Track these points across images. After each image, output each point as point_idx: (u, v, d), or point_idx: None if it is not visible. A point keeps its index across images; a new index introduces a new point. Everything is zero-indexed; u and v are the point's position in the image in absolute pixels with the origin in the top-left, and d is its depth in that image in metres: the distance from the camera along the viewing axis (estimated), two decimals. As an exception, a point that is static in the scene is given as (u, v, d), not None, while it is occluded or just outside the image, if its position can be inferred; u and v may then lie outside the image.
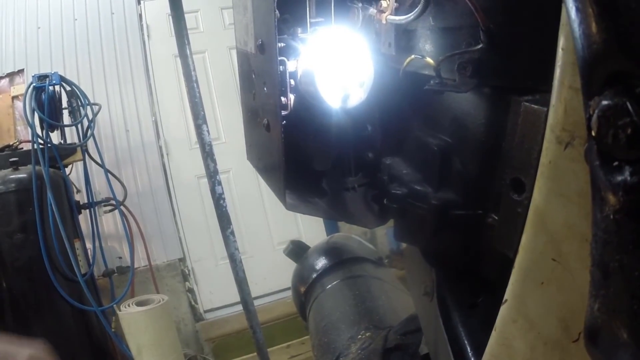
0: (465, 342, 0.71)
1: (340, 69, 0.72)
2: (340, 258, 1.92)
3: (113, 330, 3.84)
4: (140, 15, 5.28)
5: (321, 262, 1.93)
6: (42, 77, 3.63)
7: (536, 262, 0.50)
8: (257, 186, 5.18)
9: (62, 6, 4.99)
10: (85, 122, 3.90)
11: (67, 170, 3.94)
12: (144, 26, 5.26)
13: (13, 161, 3.42)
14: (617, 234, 0.33)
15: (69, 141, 4.00)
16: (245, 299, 2.98)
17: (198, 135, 2.77)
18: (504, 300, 0.55)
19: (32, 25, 4.96)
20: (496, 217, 0.65)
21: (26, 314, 3.32)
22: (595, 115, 0.33)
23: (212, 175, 2.88)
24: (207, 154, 2.83)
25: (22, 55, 4.91)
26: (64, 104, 3.84)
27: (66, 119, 3.89)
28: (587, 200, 0.36)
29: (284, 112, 0.84)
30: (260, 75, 0.98)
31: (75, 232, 3.76)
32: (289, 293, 2.18)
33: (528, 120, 0.55)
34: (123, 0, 5.22)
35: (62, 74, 3.88)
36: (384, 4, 0.74)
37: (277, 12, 0.80)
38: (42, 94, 3.56)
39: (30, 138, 3.61)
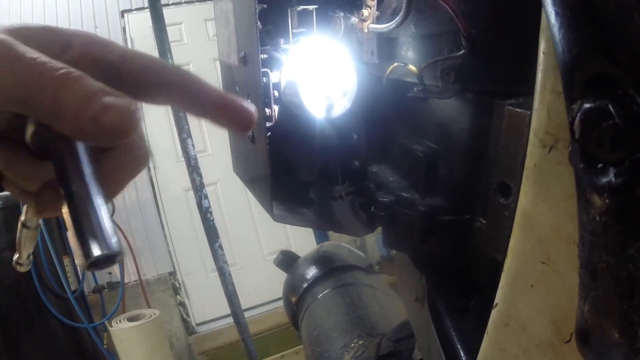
0: (458, 346, 0.71)
1: (324, 78, 0.72)
2: (331, 267, 1.92)
3: (105, 346, 3.82)
4: (124, 29, 5.27)
5: (311, 272, 1.93)
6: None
7: (525, 265, 0.50)
8: (246, 197, 5.15)
9: (45, 19, 4.95)
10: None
11: (54, 187, 3.91)
12: (128, 39, 5.25)
13: None
14: (604, 235, 0.33)
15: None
16: (236, 312, 2.98)
17: (183, 149, 2.77)
18: (494, 304, 0.55)
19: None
20: (484, 221, 0.65)
21: (16, 332, 3.29)
22: (578, 119, 0.33)
23: (199, 189, 2.88)
24: (193, 168, 2.83)
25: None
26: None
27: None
28: (573, 202, 0.37)
29: (268, 124, 0.84)
30: (244, 87, 0.98)
31: (64, 248, 3.73)
32: (281, 303, 2.18)
33: (512, 124, 0.55)
34: (107, 14, 5.21)
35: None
36: (366, 12, 0.75)
37: (259, 23, 0.80)
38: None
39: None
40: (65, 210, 0.46)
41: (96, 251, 0.42)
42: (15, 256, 0.71)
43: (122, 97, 0.45)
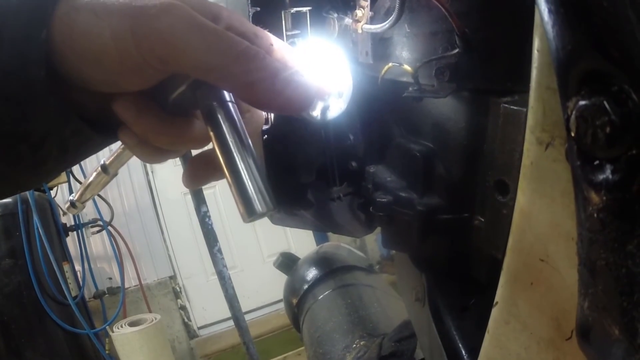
0: (460, 345, 0.71)
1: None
2: (331, 267, 1.92)
3: (107, 352, 3.82)
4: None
5: (312, 273, 1.93)
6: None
7: (524, 263, 0.50)
8: (244, 200, 5.13)
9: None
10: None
11: (53, 192, 3.92)
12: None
13: (-3, 187, 3.40)
14: (602, 232, 0.33)
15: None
16: (237, 315, 2.98)
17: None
18: (495, 303, 0.55)
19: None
20: (482, 220, 0.65)
21: (18, 339, 3.29)
22: (574, 116, 0.33)
23: (197, 193, 2.88)
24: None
25: None
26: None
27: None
28: (571, 199, 0.36)
29: (264, 127, 0.84)
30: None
31: (63, 255, 3.74)
32: (282, 305, 2.18)
33: (508, 122, 0.55)
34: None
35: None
36: (359, 13, 0.75)
37: (253, 26, 0.80)
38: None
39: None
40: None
41: (258, 208, 0.47)
42: (74, 196, 0.71)
43: (299, 74, 0.51)
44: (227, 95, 0.52)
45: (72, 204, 0.71)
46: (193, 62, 0.46)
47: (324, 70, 0.69)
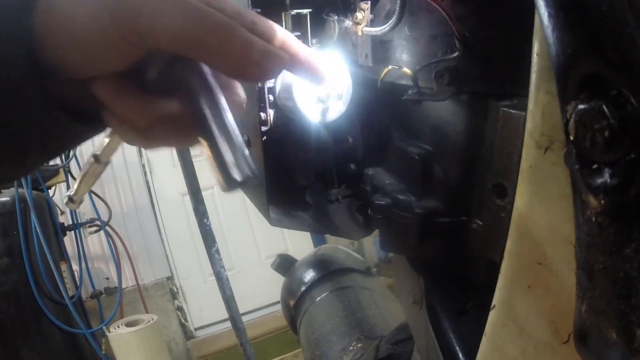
0: (457, 348, 0.71)
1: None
2: (328, 270, 1.92)
3: (104, 352, 3.81)
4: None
5: (309, 275, 1.93)
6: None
7: (522, 266, 0.50)
8: (243, 201, 5.13)
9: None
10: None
11: (50, 192, 3.91)
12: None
13: (-5, 185, 3.39)
14: (600, 236, 0.33)
15: (51, 163, 3.97)
16: (234, 316, 2.98)
17: (179, 153, 2.76)
18: (492, 306, 0.55)
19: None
20: (480, 223, 0.65)
21: (14, 339, 3.27)
22: (572, 120, 0.33)
23: (195, 194, 2.88)
24: (190, 173, 2.82)
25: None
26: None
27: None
28: (569, 203, 0.37)
29: (263, 128, 0.84)
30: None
31: (61, 254, 3.72)
32: (279, 307, 2.17)
33: (507, 125, 0.55)
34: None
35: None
36: (360, 16, 0.75)
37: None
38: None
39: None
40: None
41: (237, 176, 0.48)
42: (70, 191, 0.72)
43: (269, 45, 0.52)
44: (205, 68, 0.53)
45: (70, 199, 0.72)
46: (169, 35, 0.47)
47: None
